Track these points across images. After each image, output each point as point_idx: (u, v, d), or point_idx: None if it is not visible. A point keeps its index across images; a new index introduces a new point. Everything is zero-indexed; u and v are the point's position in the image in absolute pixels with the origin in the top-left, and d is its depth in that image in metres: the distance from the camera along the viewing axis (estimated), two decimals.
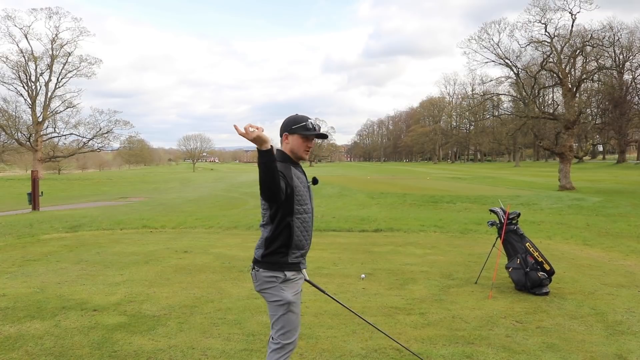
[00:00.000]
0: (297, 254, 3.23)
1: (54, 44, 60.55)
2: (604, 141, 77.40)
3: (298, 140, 3.22)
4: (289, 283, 3.21)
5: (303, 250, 3.28)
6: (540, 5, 33.84)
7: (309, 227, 3.30)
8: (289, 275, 3.20)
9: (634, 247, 10.29)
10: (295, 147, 3.23)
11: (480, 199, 22.33)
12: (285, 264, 3.20)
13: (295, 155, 3.25)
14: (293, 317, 3.23)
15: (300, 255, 3.27)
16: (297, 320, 3.26)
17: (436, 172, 67.75)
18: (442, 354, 4.57)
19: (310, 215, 3.30)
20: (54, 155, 64.97)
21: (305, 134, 3.21)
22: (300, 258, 3.28)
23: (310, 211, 3.30)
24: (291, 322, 3.23)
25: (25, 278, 7.54)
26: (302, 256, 3.29)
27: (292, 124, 3.23)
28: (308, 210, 3.26)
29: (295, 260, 3.24)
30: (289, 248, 3.20)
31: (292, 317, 3.23)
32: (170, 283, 7.24)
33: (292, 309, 3.21)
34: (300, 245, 3.24)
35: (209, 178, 63.61)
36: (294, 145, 3.23)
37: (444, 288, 7.00)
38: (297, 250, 3.23)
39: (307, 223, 3.26)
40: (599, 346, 4.78)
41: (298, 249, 3.23)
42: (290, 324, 3.22)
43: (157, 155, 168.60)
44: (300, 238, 3.22)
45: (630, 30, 63.36)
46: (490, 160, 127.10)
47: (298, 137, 3.21)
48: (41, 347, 4.71)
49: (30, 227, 13.78)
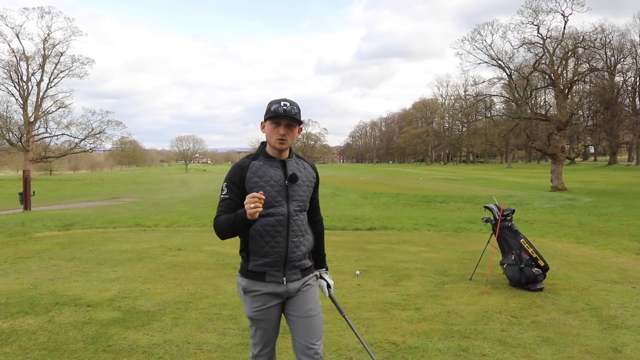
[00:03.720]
0: (258, 261, 2.79)
1: (45, 44, 60.14)
2: (595, 143, 77.98)
3: (269, 127, 2.79)
4: (249, 295, 2.83)
5: (267, 259, 2.78)
6: (533, 7, 34.10)
7: (280, 232, 2.78)
8: (246, 285, 2.83)
9: (627, 245, 10.36)
10: (267, 135, 2.83)
11: (474, 199, 22.39)
12: (245, 271, 2.85)
13: (270, 146, 2.84)
14: (258, 332, 2.87)
15: (263, 265, 2.79)
16: (266, 335, 2.88)
17: (429, 173, 67.92)
18: (438, 348, 4.58)
19: (282, 219, 2.78)
20: (45, 156, 64.54)
21: (273, 119, 2.75)
22: (265, 268, 2.80)
23: (284, 214, 2.78)
24: (256, 335, 2.89)
25: (18, 275, 7.48)
26: (267, 266, 2.79)
27: (267, 109, 2.82)
28: (278, 212, 2.76)
29: (256, 268, 2.80)
30: (248, 253, 2.84)
31: (257, 332, 2.88)
32: (164, 279, 7.21)
33: (255, 323, 2.86)
34: (263, 253, 2.78)
35: (202, 179, 63.42)
36: (266, 133, 2.82)
37: (439, 284, 7.01)
38: (259, 258, 2.79)
39: (274, 227, 2.76)
40: (593, 340, 4.81)
41: (259, 256, 2.78)
42: (255, 337, 2.90)
43: (150, 156, 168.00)
44: (261, 244, 2.76)
45: (621, 33, 64.08)
46: (482, 161, 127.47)
47: (268, 123, 2.79)
48: (35, 342, 4.67)
49: (22, 226, 13.68)
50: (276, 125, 2.76)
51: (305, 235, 2.91)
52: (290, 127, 2.78)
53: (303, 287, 2.90)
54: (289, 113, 2.73)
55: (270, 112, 2.75)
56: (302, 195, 2.87)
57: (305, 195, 2.90)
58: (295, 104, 2.79)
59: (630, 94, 71.72)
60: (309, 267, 2.98)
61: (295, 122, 2.78)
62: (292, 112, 2.74)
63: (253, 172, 2.77)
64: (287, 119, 2.75)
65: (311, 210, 3.03)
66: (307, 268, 2.96)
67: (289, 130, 2.78)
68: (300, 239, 2.86)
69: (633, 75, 70.38)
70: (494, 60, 36.12)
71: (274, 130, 2.76)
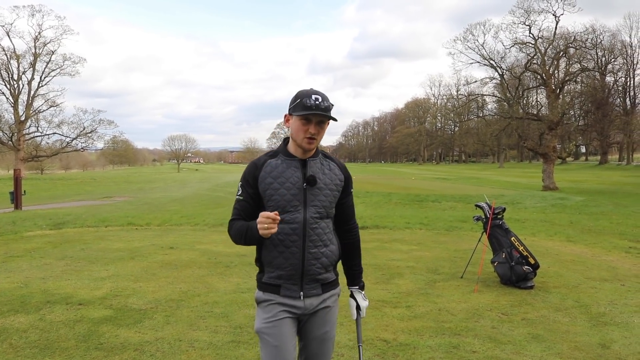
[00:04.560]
0: (273, 273, 2.49)
1: (36, 42, 59.68)
2: (586, 142, 78.43)
3: (296, 123, 2.43)
4: (261, 307, 2.53)
5: (282, 271, 2.46)
6: (525, 7, 34.31)
7: (295, 242, 2.44)
8: (260, 296, 2.54)
9: (616, 244, 10.44)
10: (293, 132, 2.46)
11: (465, 198, 22.47)
12: (260, 283, 2.56)
13: (296, 144, 2.48)
14: (265, 350, 2.45)
15: (278, 277, 2.48)
16: (273, 354, 2.42)
17: (421, 173, 68.10)
18: (429, 345, 4.61)
19: (298, 227, 2.43)
20: (36, 155, 64.08)
21: (303, 114, 2.38)
22: (280, 281, 2.48)
23: (299, 221, 2.43)
24: (264, 354, 2.46)
25: (9, 274, 7.45)
26: (282, 278, 2.48)
27: (293, 100, 2.45)
28: (293, 220, 2.43)
29: (271, 281, 2.50)
30: (262, 264, 2.55)
31: (265, 350, 2.45)
32: (156, 278, 7.20)
33: (264, 339, 2.46)
34: (276, 264, 2.46)
35: (194, 178, 63.27)
36: (292, 130, 2.46)
37: (430, 282, 7.04)
38: (274, 270, 2.48)
39: (288, 236, 2.43)
40: (583, 336, 4.85)
41: (274, 267, 2.48)
42: (264, 356, 2.47)
43: (142, 155, 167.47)
44: (274, 254, 2.46)
45: (612, 33, 64.51)
46: (474, 161, 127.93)
47: (296, 119, 2.42)
48: (26, 340, 4.65)
49: (13, 225, 13.60)
50: (306, 122, 2.39)
51: (329, 245, 2.53)
52: (321, 125, 2.43)
53: (322, 307, 2.56)
54: (323, 109, 2.37)
55: (300, 106, 2.38)
56: (324, 200, 2.49)
57: (328, 200, 2.50)
58: (326, 97, 2.42)
59: (621, 94, 72.31)
60: (332, 280, 2.60)
61: (328, 118, 2.41)
62: (323, 106, 2.37)
63: (267, 171, 2.46)
64: (319, 116, 2.38)
65: (342, 217, 2.65)
66: (330, 282, 2.59)
67: (320, 128, 2.43)
68: (321, 250, 2.49)
69: (624, 76, 71.04)
70: (486, 60, 36.31)
71: (302, 127, 2.40)
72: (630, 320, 5.37)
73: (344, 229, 2.68)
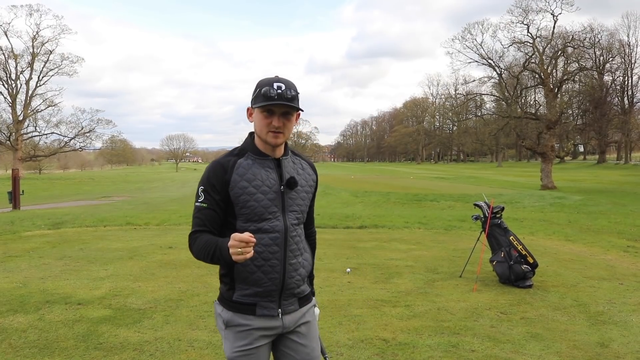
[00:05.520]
0: (247, 290, 2.15)
1: (34, 42, 59.57)
2: (584, 141, 78.43)
3: (258, 116, 2.13)
4: (233, 331, 2.18)
5: (259, 288, 2.15)
6: (523, 6, 34.29)
7: (276, 254, 2.15)
8: (230, 318, 2.18)
9: (615, 243, 10.47)
10: (256, 127, 2.17)
11: (464, 197, 22.49)
12: (228, 301, 2.20)
13: (262, 141, 2.18)
14: None
15: (254, 295, 2.16)
16: None
17: (419, 172, 68.14)
18: (429, 344, 4.61)
19: (279, 236, 2.15)
20: (34, 155, 63.89)
21: (264, 105, 2.08)
22: (256, 299, 2.16)
23: (280, 229, 2.15)
24: None
25: (7, 274, 7.44)
26: (259, 296, 2.16)
27: (254, 91, 2.16)
28: (272, 228, 2.14)
29: (244, 299, 2.16)
30: (232, 280, 2.18)
31: None
32: (155, 277, 7.20)
33: None
34: (253, 280, 2.14)
35: (192, 177, 63.24)
36: (255, 124, 2.17)
37: (429, 281, 7.05)
38: (248, 287, 2.15)
39: (268, 247, 2.13)
40: (581, 335, 4.87)
41: (249, 284, 2.15)
42: None
43: (140, 155, 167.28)
44: (251, 269, 2.12)
45: (610, 33, 64.45)
46: (473, 160, 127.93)
47: (258, 111, 2.13)
48: (25, 340, 4.65)
49: (11, 225, 13.59)
50: (268, 114, 2.10)
51: (303, 253, 2.30)
52: (286, 116, 2.12)
53: (302, 322, 2.30)
54: (287, 98, 2.07)
55: (260, 96, 2.08)
56: (301, 205, 2.25)
57: (305, 204, 2.28)
58: (292, 85, 2.12)
59: (619, 93, 72.43)
60: (307, 294, 2.35)
61: (293, 109, 2.11)
62: (288, 96, 2.07)
63: (240, 174, 2.13)
64: (282, 106, 2.09)
65: (305, 222, 2.37)
66: (306, 296, 2.34)
67: (286, 120, 2.13)
68: (299, 260, 2.24)
69: (622, 75, 71.16)
70: (484, 59, 36.37)
71: (264, 120, 2.11)
72: (629, 319, 5.39)
73: (306, 234, 2.40)
